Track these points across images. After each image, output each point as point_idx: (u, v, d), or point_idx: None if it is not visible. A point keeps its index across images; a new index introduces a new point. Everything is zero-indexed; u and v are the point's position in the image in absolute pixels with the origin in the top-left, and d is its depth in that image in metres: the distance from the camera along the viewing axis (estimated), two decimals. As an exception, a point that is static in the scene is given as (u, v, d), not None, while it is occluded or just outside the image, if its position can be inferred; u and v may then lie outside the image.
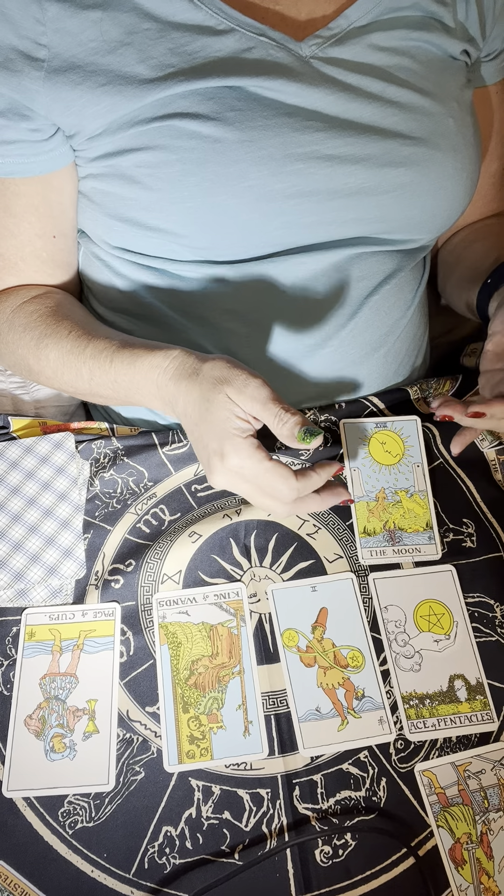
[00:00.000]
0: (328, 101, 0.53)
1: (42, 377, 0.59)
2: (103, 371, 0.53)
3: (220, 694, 0.48)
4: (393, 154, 0.54)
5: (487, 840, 0.44)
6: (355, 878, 0.43)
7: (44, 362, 0.57)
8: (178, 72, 0.50)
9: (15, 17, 0.49)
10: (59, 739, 0.47)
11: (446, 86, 0.57)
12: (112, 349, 0.53)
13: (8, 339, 0.59)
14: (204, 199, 0.52)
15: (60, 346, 0.56)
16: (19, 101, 0.51)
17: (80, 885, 0.43)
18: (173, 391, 0.49)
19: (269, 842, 0.44)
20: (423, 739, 0.48)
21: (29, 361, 0.58)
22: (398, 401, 0.63)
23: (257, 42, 0.52)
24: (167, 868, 0.44)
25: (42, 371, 0.58)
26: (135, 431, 0.61)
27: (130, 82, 0.50)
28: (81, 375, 0.55)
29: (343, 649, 0.50)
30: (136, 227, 0.55)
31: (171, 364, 0.50)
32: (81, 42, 0.50)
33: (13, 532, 0.54)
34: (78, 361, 0.55)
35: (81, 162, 0.55)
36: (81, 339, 0.55)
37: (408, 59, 0.56)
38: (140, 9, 0.50)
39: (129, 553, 0.54)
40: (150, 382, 0.51)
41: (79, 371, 0.55)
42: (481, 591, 0.53)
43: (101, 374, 0.54)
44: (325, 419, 0.61)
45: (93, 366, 0.54)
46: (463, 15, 0.58)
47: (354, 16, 0.54)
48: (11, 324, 0.59)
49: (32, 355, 0.58)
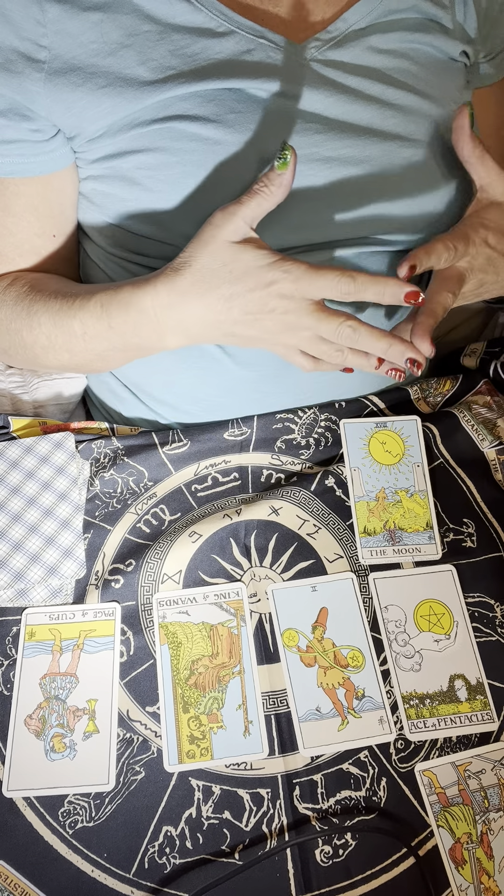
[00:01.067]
0: (327, 103, 0.53)
1: (37, 348, 0.58)
2: (95, 318, 0.53)
3: (220, 694, 0.48)
4: (392, 156, 0.55)
5: (488, 840, 0.44)
6: (355, 877, 0.43)
7: (37, 330, 0.56)
8: (179, 74, 0.51)
9: (15, 19, 0.49)
10: (59, 739, 0.47)
11: (445, 87, 0.57)
12: (100, 295, 0.53)
13: (0, 316, 0.60)
14: (203, 201, 0.52)
15: (49, 307, 0.55)
16: (20, 102, 0.51)
17: (80, 884, 0.43)
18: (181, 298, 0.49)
19: (269, 842, 0.44)
20: (423, 739, 0.48)
21: (23, 334, 0.58)
22: (398, 401, 0.63)
23: (257, 44, 0.52)
24: (167, 868, 0.44)
25: (37, 340, 0.57)
26: (135, 431, 0.61)
27: (131, 84, 0.51)
28: (74, 332, 0.54)
29: (343, 649, 0.50)
30: (136, 228, 0.55)
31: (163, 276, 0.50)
32: (82, 44, 0.50)
33: (13, 532, 0.54)
34: (68, 317, 0.54)
35: (82, 163, 0.56)
36: (68, 297, 0.55)
37: (407, 61, 0.56)
38: (140, 10, 0.51)
39: (129, 553, 0.54)
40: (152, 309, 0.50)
41: (71, 327, 0.54)
42: (481, 591, 0.53)
43: (94, 324, 0.53)
44: (325, 419, 0.61)
45: (84, 318, 0.53)
46: (461, 16, 0.58)
47: (353, 18, 0.54)
48: (2, 301, 0.59)
49: (25, 326, 0.57)
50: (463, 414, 0.62)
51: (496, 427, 0.61)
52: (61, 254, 0.61)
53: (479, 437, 0.61)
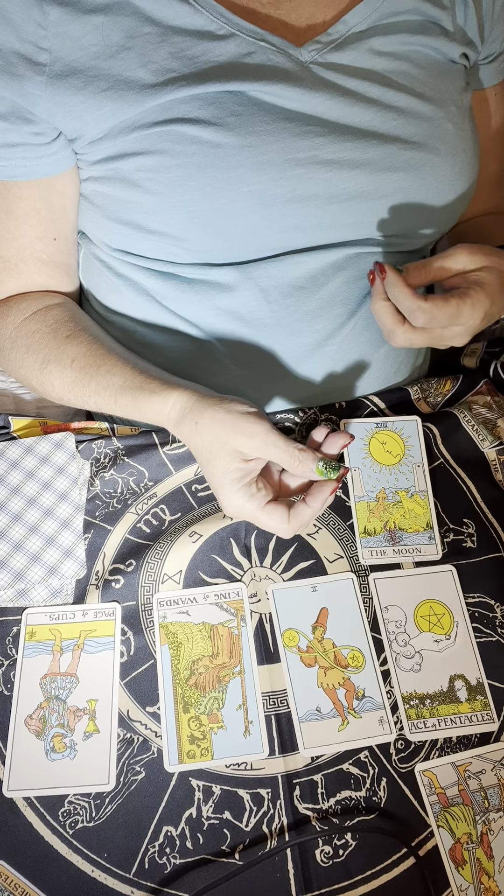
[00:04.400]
0: (327, 105, 0.53)
1: (47, 397, 0.60)
2: (109, 407, 0.55)
3: (220, 694, 0.48)
4: (392, 158, 0.55)
5: (487, 840, 0.44)
6: (356, 878, 0.43)
7: (48, 387, 0.58)
8: (179, 76, 0.51)
9: (17, 21, 0.49)
10: (59, 739, 0.47)
11: (445, 90, 0.57)
12: (114, 389, 0.54)
13: (11, 357, 0.60)
14: (204, 203, 0.52)
15: (64, 375, 0.56)
16: (21, 105, 0.51)
17: (80, 884, 0.43)
18: (178, 433, 0.51)
19: (269, 842, 0.44)
20: (423, 739, 0.48)
21: (33, 384, 0.59)
22: (398, 401, 0.63)
23: (257, 47, 0.52)
24: (167, 868, 0.44)
25: (47, 393, 0.59)
26: (135, 431, 0.61)
27: (132, 87, 0.51)
28: (87, 404, 0.57)
29: (343, 649, 0.50)
30: (137, 229, 0.55)
31: (172, 411, 0.51)
32: (83, 46, 0.50)
33: (13, 532, 0.54)
34: (83, 394, 0.56)
35: (83, 165, 0.56)
36: (85, 372, 0.55)
37: (407, 63, 0.56)
38: (141, 13, 0.51)
39: (129, 553, 0.54)
40: (156, 422, 0.53)
41: (85, 401, 0.56)
42: (482, 592, 0.53)
43: (108, 408, 0.55)
44: (324, 419, 0.61)
45: (97, 401, 0.55)
46: (462, 18, 0.58)
47: (353, 21, 0.55)
48: (14, 343, 0.59)
49: (36, 379, 0.58)
50: (463, 414, 0.62)
51: (496, 427, 0.61)
52: (62, 258, 0.61)
53: (480, 438, 0.61)
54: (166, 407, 0.51)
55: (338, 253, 0.57)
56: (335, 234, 0.57)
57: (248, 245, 0.55)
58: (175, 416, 0.51)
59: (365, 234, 0.57)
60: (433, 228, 0.60)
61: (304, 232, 0.55)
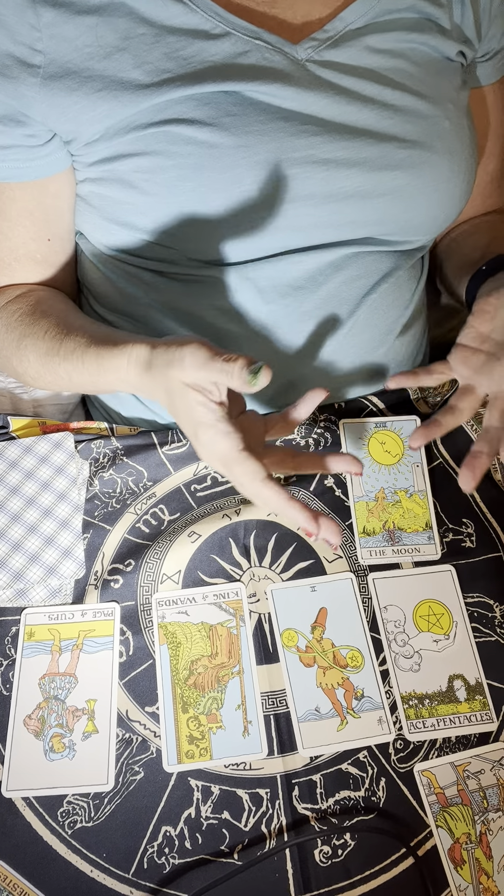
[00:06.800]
0: (323, 104, 0.53)
1: (27, 377, 0.59)
2: (78, 372, 0.53)
3: (219, 694, 0.49)
4: (389, 157, 0.55)
5: (486, 840, 0.44)
6: (354, 878, 0.43)
7: (25, 363, 0.57)
8: (174, 77, 0.51)
9: (10, 23, 0.49)
10: (58, 739, 0.47)
11: (442, 88, 0.57)
12: (80, 350, 0.53)
13: None
14: (200, 204, 0.52)
15: (38, 347, 0.56)
16: (15, 108, 0.51)
17: (79, 884, 0.43)
18: (141, 387, 0.49)
19: (268, 842, 0.44)
20: (422, 739, 0.48)
21: (13, 362, 0.59)
22: (398, 400, 0.63)
23: (252, 46, 0.52)
24: (166, 868, 0.44)
25: (26, 371, 0.58)
26: (134, 431, 0.61)
27: (126, 88, 0.51)
28: (60, 376, 0.55)
29: (342, 649, 0.50)
30: (134, 230, 0.55)
31: (130, 363, 0.49)
32: (77, 47, 0.50)
33: (12, 532, 0.54)
34: (54, 363, 0.55)
35: (79, 166, 0.56)
36: (55, 340, 0.55)
37: (404, 61, 0.56)
38: (135, 13, 0.51)
39: (128, 553, 0.54)
40: (121, 382, 0.51)
41: (56, 372, 0.55)
42: (481, 591, 0.53)
43: (78, 375, 0.54)
44: (324, 419, 0.61)
45: (68, 367, 0.54)
46: (459, 16, 0.58)
47: (350, 18, 0.54)
48: None
49: (15, 356, 0.58)
50: (462, 414, 0.62)
51: (496, 426, 0.61)
52: (57, 258, 0.62)
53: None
54: (124, 359, 0.49)
55: (336, 252, 0.57)
56: (333, 234, 0.56)
57: (244, 245, 0.55)
58: (134, 368, 0.48)
59: (363, 233, 0.57)
60: (431, 227, 0.60)
61: (300, 231, 0.55)
